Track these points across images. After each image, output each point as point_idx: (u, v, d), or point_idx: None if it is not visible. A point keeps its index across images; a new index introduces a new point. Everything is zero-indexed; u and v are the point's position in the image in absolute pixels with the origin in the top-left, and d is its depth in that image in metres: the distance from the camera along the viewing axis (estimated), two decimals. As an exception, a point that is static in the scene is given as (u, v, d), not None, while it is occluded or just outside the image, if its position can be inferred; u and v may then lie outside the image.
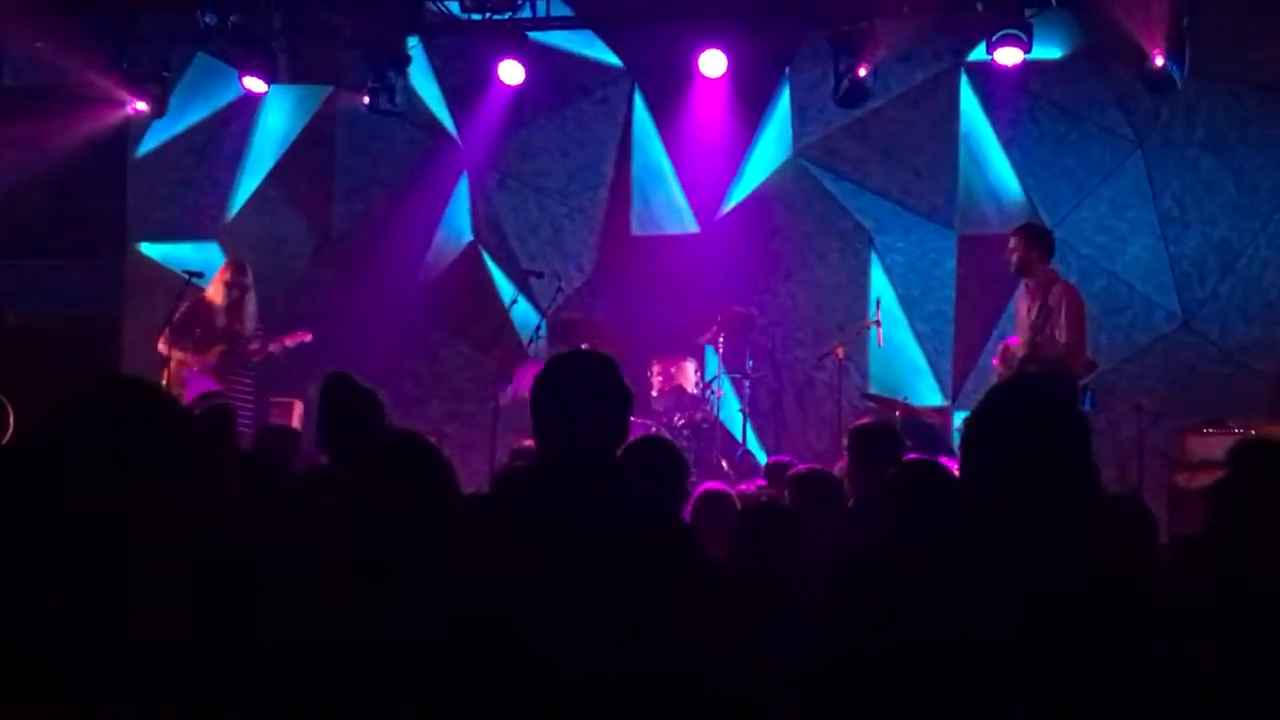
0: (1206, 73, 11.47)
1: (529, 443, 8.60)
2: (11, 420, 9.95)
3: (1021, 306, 9.78)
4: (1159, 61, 10.87)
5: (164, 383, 10.52)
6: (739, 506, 5.56)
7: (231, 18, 12.14)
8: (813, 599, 4.27)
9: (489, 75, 12.51)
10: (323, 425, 5.67)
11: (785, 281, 12.82)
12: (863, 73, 11.59)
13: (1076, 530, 3.01)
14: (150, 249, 13.21)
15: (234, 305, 10.69)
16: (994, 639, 2.83)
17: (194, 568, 3.00)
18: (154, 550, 2.74)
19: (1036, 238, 9.86)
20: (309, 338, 10.88)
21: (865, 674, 2.95)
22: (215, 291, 10.71)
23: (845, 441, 6.82)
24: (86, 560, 2.62)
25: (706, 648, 3.32)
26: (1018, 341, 9.70)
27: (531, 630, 3.03)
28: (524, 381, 10.20)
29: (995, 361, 10.10)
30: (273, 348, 10.77)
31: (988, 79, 12.20)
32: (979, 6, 11.52)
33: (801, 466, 6.67)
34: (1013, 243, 9.82)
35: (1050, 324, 9.46)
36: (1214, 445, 10.20)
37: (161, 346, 10.50)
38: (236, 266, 10.91)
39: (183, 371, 10.42)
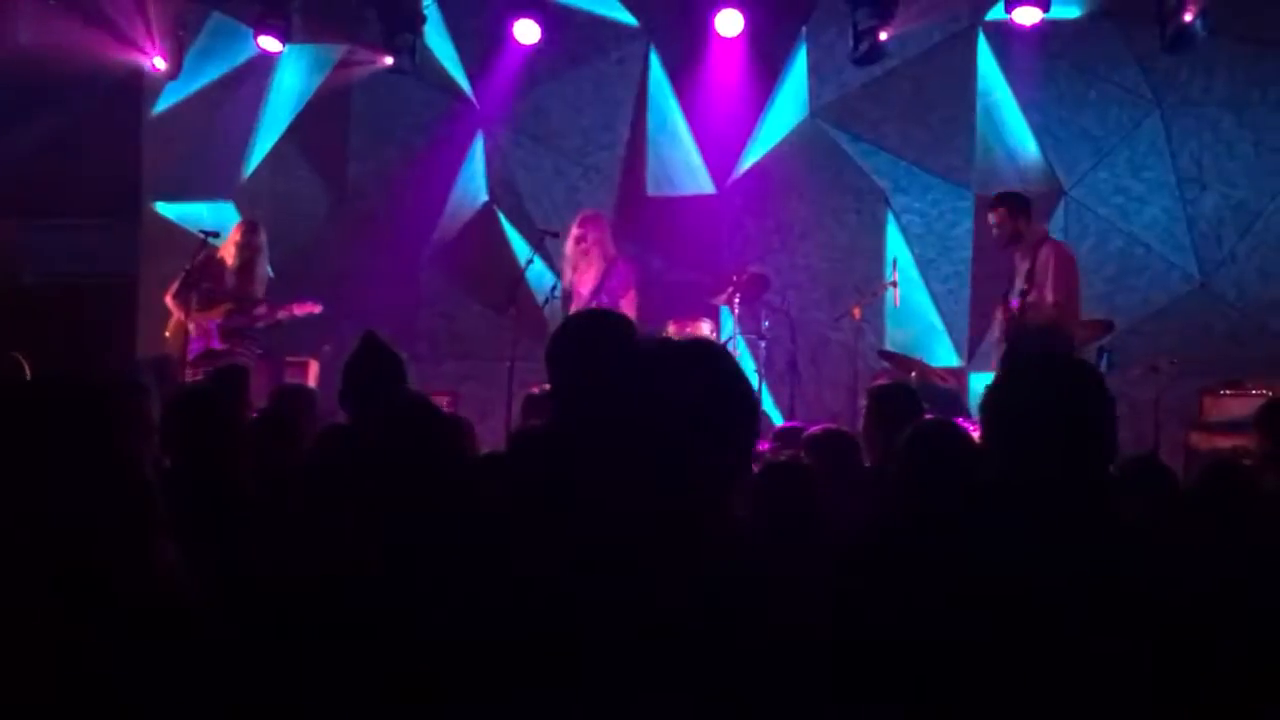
0: (1226, 31, 11.39)
1: (536, 390, 8.64)
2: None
3: (1022, 266, 9.74)
4: (1187, 18, 10.79)
5: (167, 335, 10.55)
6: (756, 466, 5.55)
7: (246, -25, 12.13)
8: (830, 560, 4.28)
9: (504, 34, 12.46)
10: (347, 383, 5.68)
11: (801, 242, 12.80)
12: (884, 36, 11.56)
13: (1097, 495, 3.01)
14: (166, 208, 13.19)
15: (245, 266, 10.65)
16: (1015, 607, 2.82)
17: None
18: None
19: (1017, 204, 9.79)
20: (318, 309, 10.83)
21: (884, 641, 2.95)
22: (227, 251, 10.68)
23: (863, 402, 6.82)
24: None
25: (726, 605, 3.32)
26: (1018, 304, 9.66)
27: (553, 592, 3.03)
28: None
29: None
30: (280, 315, 10.71)
31: (1006, 38, 12.12)
32: (997, -35, 11.47)
33: (817, 428, 6.66)
34: (995, 217, 9.75)
35: (1037, 285, 9.42)
36: (1231, 406, 10.20)
37: (168, 299, 10.51)
38: (249, 227, 10.89)
39: (187, 327, 10.40)
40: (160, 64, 12.72)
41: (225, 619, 3.13)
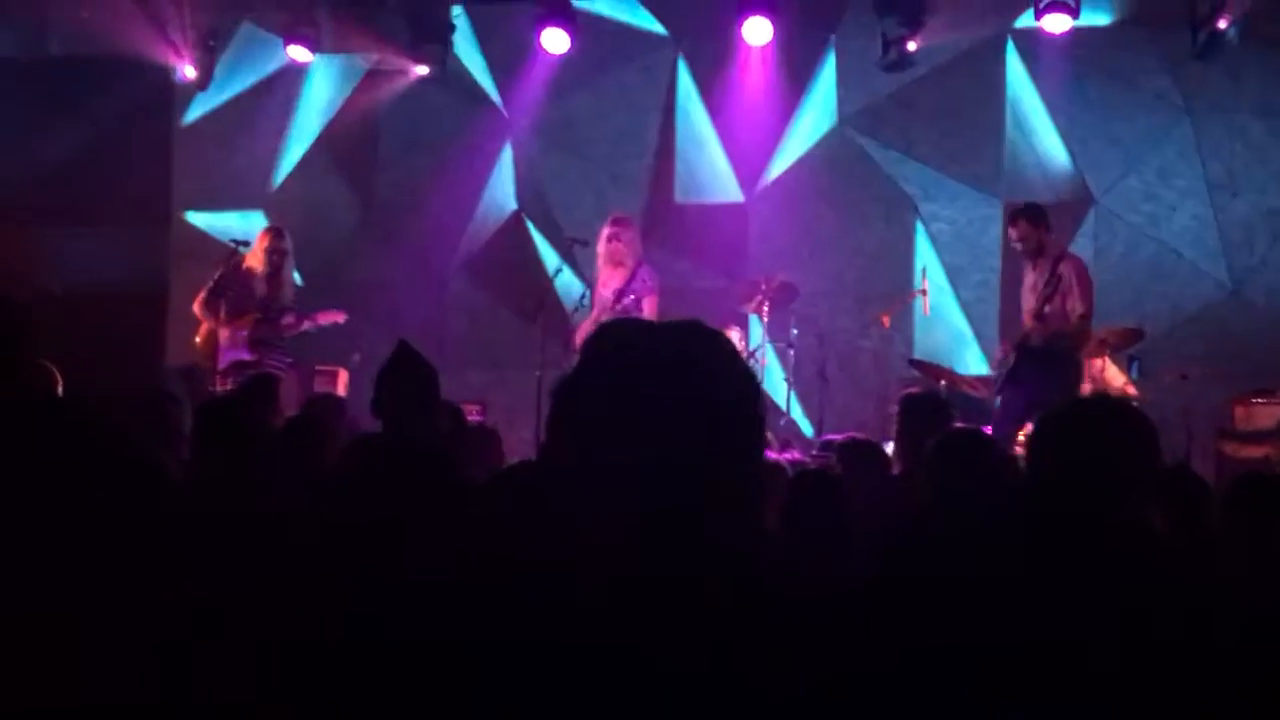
0: (1256, 38, 11.36)
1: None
2: (60, 389, 10.00)
3: (1028, 278, 9.71)
4: (1222, 25, 10.78)
5: (198, 342, 10.55)
6: (790, 475, 5.55)
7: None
8: (858, 567, 4.27)
9: (533, 43, 12.50)
10: (380, 392, 5.69)
11: (829, 250, 12.77)
12: (912, 46, 11.58)
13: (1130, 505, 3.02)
14: (196, 217, 13.26)
15: (272, 273, 10.61)
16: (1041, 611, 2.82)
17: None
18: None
19: (1040, 217, 9.77)
20: (343, 318, 10.78)
21: (911, 647, 2.94)
22: (254, 259, 10.65)
23: (893, 410, 6.81)
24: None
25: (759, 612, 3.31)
26: (1033, 314, 9.66)
27: (584, 600, 3.02)
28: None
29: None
30: (306, 325, 10.67)
31: (1035, 46, 12.11)
32: (1026, -28, 11.46)
33: (846, 436, 6.67)
34: (1017, 232, 9.69)
35: (1060, 295, 9.40)
36: (1262, 415, 10.15)
37: (196, 308, 10.53)
38: (275, 233, 10.85)
39: (217, 335, 10.41)
40: (190, 73, 12.80)
41: (254, 623, 3.14)
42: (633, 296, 10.47)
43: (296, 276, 11.05)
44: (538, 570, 2.86)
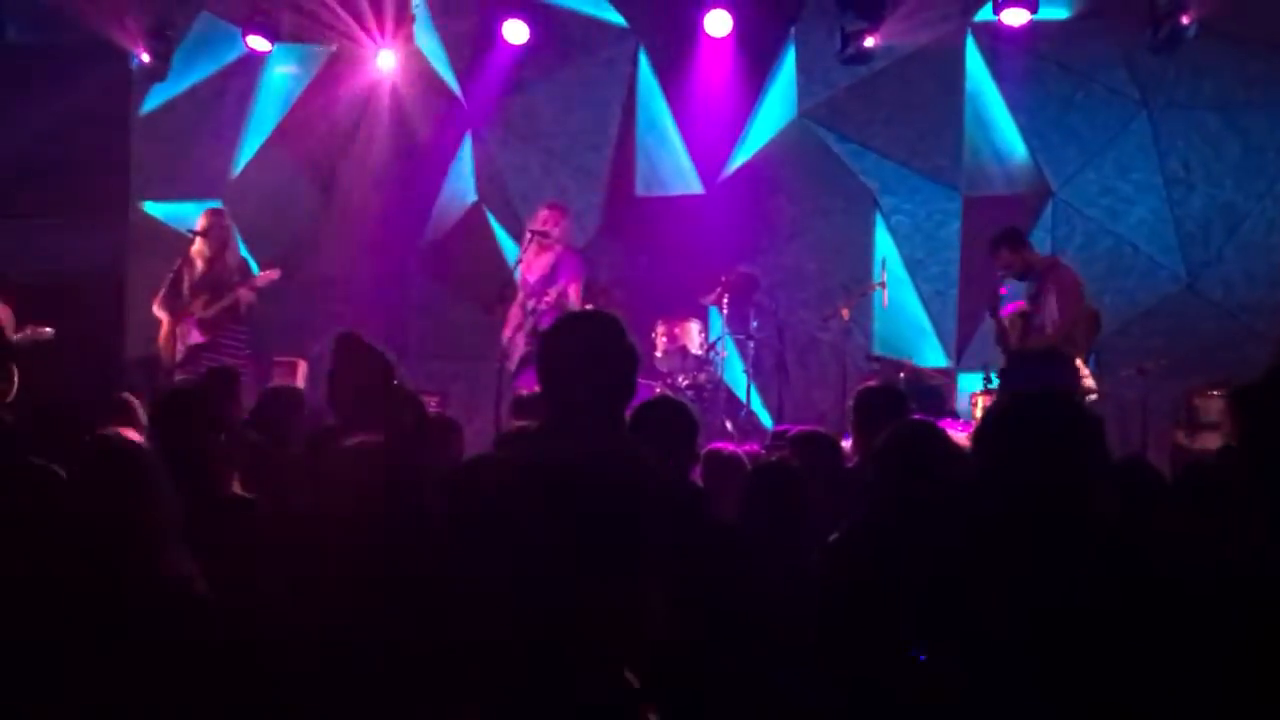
0: (1213, 32, 11.42)
1: (525, 391, 8.61)
2: (16, 379, 9.94)
3: (1029, 289, 9.89)
4: (1185, 21, 10.88)
5: (160, 344, 10.47)
6: (749, 467, 5.56)
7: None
8: (816, 557, 4.29)
9: (493, 35, 12.49)
10: (332, 385, 5.65)
11: (790, 243, 12.80)
12: (870, 43, 11.65)
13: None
14: (154, 208, 13.18)
15: (215, 253, 10.51)
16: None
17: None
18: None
19: (1018, 240, 9.93)
20: (277, 274, 10.66)
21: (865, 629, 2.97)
22: (198, 242, 10.53)
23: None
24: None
25: (715, 604, 3.33)
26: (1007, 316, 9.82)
27: (537, 589, 3.03)
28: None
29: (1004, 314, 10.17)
30: (244, 292, 10.49)
31: (994, 39, 12.14)
32: (985, -35, 11.51)
33: (799, 428, 6.68)
34: (1001, 262, 9.91)
35: (1044, 309, 9.53)
36: (1218, 407, 10.22)
37: (155, 310, 10.47)
38: (214, 213, 10.72)
39: (175, 332, 10.34)
40: (145, 59, 12.68)
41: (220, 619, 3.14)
42: (555, 287, 10.45)
43: (249, 258, 10.94)
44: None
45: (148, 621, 2.81)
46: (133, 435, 3.55)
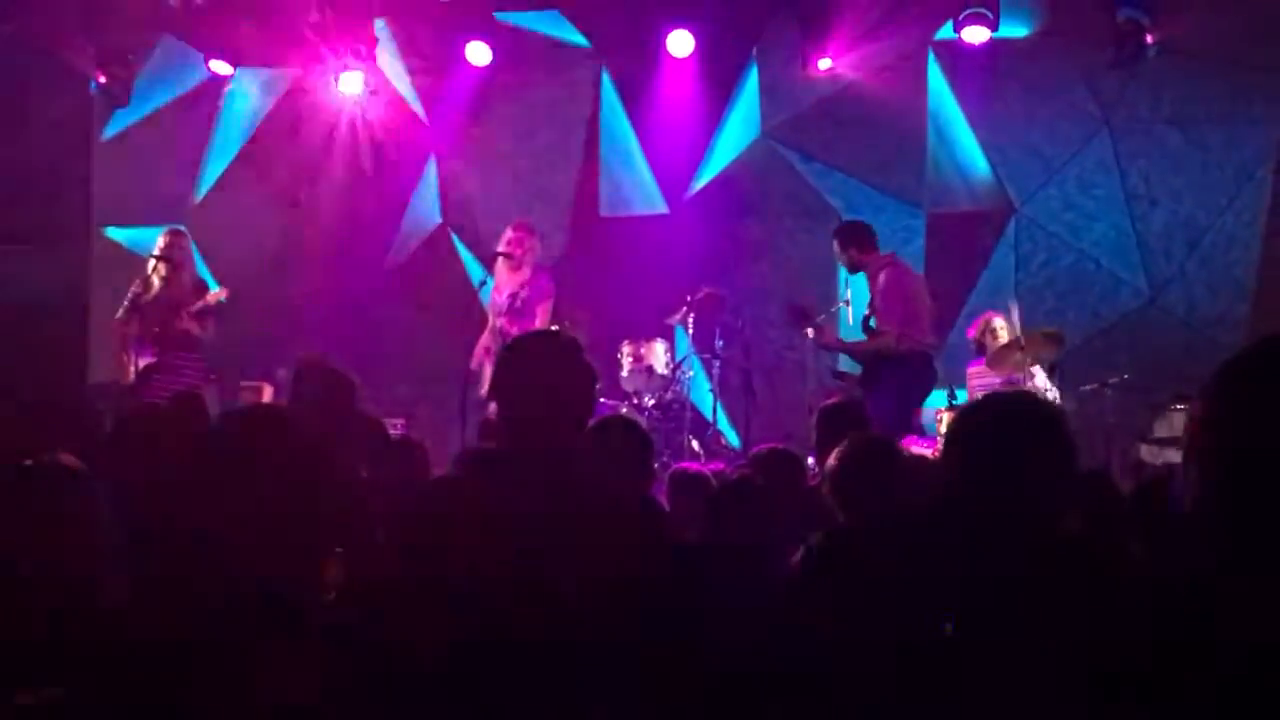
0: (1172, 49, 11.51)
1: (494, 414, 8.59)
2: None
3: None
4: (1149, 39, 11.00)
5: (120, 367, 10.39)
6: (715, 485, 5.56)
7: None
8: (780, 575, 4.29)
9: (456, 56, 12.50)
10: (293, 409, 5.63)
11: (755, 262, 12.83)
12: (829, 63, 11.79)
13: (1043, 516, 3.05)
14: (117, 233, 13.14)
15: (172, 273, 10.38)
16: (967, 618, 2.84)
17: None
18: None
19: (846, 236, 10.01)
20: (225, 294, 10.53)
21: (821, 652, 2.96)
22: (155, 264, 10.43)
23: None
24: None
25: (676, 623, 3.33)
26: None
27: (497, 608, 3.03)
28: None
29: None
30: (193, 313, 10.33)
31: (955, 57, 12.21)
32: (946, -16, 11.58)
33: (763, 446, 6.69)
34: (834, 250, 10.00)
35: (878, 310, 9.62)
36: (1181, 421, 10.26)
37: (115, 341, 10.40)
38: (172, 233, 10.61)
39: (130, 352, 10.25)
40: (103, 81, 12.62)
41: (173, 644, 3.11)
42: (522, 305, 10.42)
43: (210, 281, 10.86)
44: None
45: (82, 652, 2.78)
46: (69, 460, 3.48)
